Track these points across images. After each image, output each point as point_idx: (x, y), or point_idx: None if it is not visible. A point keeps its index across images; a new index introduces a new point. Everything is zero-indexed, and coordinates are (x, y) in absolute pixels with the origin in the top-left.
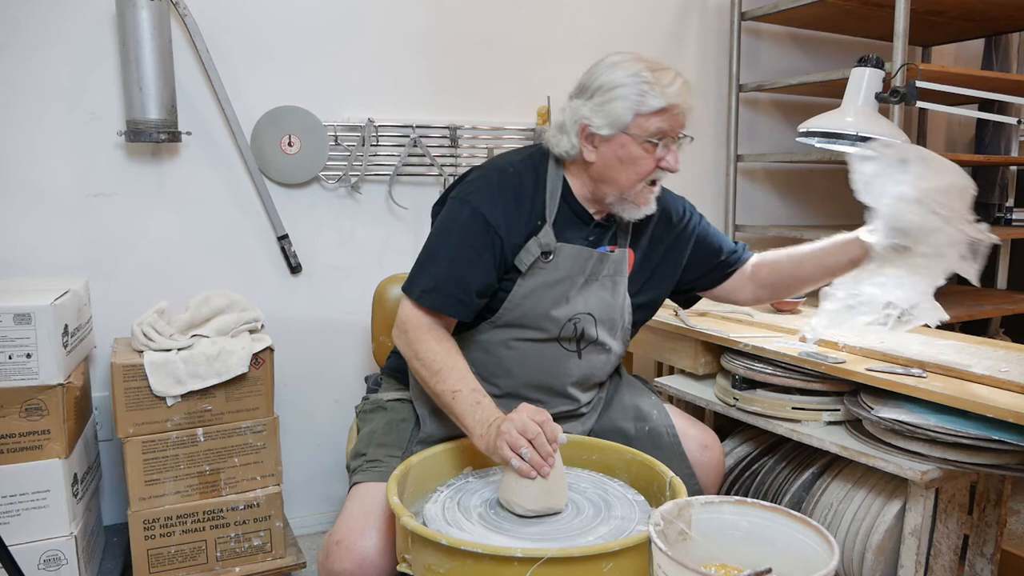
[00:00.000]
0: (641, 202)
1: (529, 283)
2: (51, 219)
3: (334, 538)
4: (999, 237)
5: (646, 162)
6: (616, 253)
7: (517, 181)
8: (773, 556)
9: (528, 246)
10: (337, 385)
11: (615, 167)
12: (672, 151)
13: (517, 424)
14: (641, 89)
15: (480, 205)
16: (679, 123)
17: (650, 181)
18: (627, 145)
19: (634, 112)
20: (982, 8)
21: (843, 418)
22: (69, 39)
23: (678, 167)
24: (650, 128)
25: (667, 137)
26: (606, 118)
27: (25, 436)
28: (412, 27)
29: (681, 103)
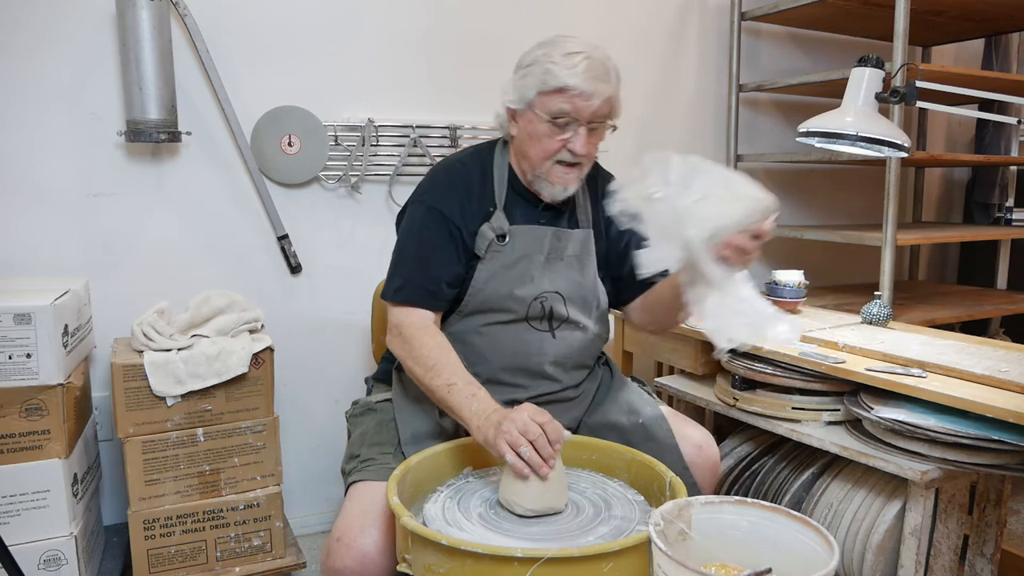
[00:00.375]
0: (554, 180)
1: (488, 267)
2: (51, 219)
3: (335, 536)
4: (999, 237)
5: (550, 141)
6: (579, 232)
7: (465, 173)
8: (773, 556)
9: (482, 231)
10: (337, 385)
11: (526, 142)
12: (579, 136)
13: (518, 424)
14: (545, 68)
15: (434, 202)
16: (582, 106)
17: (561, 161)
18: (534, 121)
19: (537, 90)
20: (982, 8)
21: (843, 418)
22: (69, 39)
23: (584, 152)
24: (551, 107)
25: (572, 120)
26: (517, 92)
27: (25, 436)
28: (412, 27)
29: (582, 87)
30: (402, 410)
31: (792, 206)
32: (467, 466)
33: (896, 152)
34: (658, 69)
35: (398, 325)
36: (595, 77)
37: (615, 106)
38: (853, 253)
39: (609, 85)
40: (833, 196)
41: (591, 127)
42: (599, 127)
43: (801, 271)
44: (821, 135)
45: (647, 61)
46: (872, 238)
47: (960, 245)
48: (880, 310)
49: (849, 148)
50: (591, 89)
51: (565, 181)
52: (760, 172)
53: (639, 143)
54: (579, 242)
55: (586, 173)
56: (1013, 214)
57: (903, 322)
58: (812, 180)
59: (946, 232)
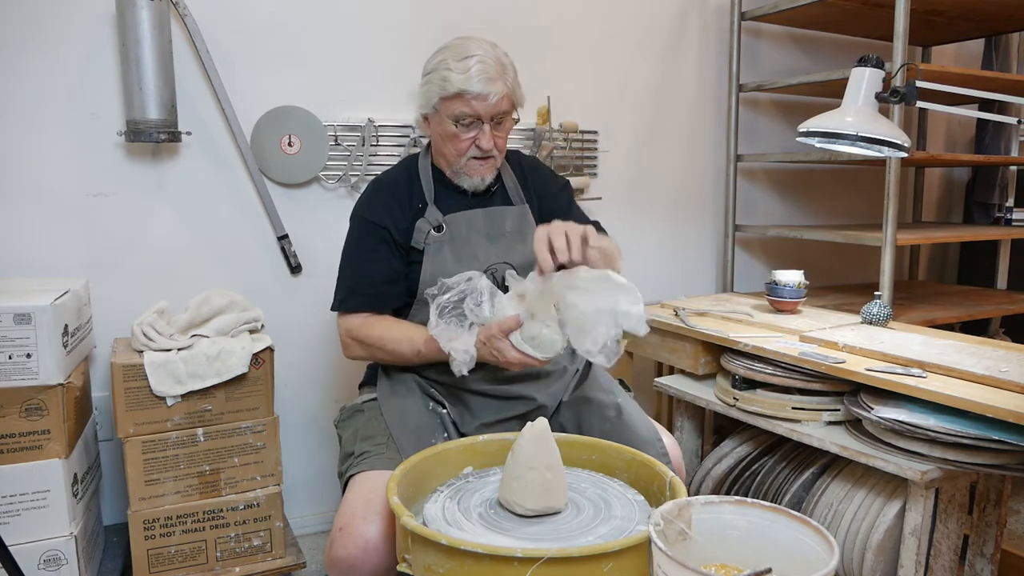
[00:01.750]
0: (472, 173)
1: (433, 256)
2: (51, 219)
3: (337, 526)
4: (999, 237)
5: (459, 141)
6: (514, 208)
7: (391, 183)
8: (773, 556)
9: (418, 225)
10: (337, 385)
11: (439, 142)
12: (484, 133)
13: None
14: (443, 75)
15: (363, 213)
16: (481, 107)
17: (474, 157)
18: (442, 123)
19: (439, 96)
20: (982, 8)
21: (843, 418)
22: (69, 39)
23: (489, 147)
24: (453, 112)
25: (475, 120)
26: (423, 98)
27: (25, 436)
28: (412, 27)
29: (476, 89)
30: (389, 405)
31: (792, 206)
32: (467, 466)
33: (896, 152)
34: (658, 69)
35: (348, 332)
36: (488, 79)
37: (515, 100)
38: (853, 253)
39: (503, 83)
40: (833, 196)
41: (495, 122)
42: (503, 120)
43: (801, 271)
44: (821, 135)
45: (647, 61)
46: (872, 238)
47: (960, 245)
48: (880, 310)
49: (849, 148)
50: (486, 91)
51: (481, 172)
52: (760, 172)
53: (639, 143)
54: (517, 217)
55: (500, 162)
56: (1013, 214)
57: (903, 322)
58: (812, 180)
59: (946, 232)
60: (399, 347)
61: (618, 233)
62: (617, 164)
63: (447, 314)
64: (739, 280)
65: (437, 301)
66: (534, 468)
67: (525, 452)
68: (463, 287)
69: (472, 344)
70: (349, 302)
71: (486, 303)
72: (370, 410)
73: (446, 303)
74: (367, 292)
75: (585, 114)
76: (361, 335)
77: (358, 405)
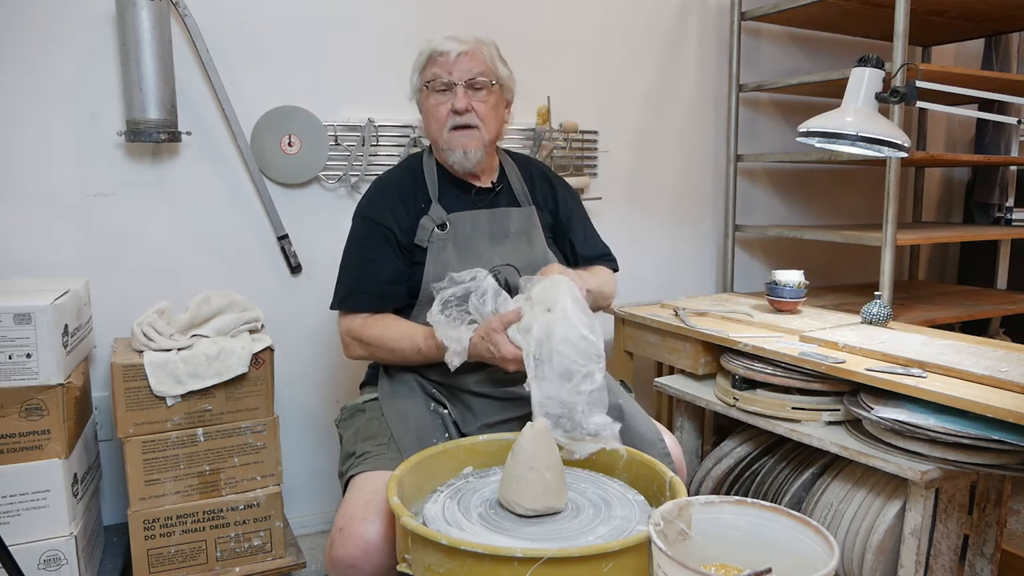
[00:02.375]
0: (455, 146)
1: (436, 255)
2: (51, 219)
3: (337, 526)
4: (999, 237)
5: (438, 109)
6: (521, 209)
7: (395, 182)
8: (773, 556)
9: (422, 224)
10: (337, 385)
11: (427, 124)
12: (458, 95)
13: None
14: (420, 51)
15: (366, 212)
16: (449, 66)
17: (456, 127)
18: (424, 101)
19: (418, 72)
20: (982, 8)
21: (843, 418)
22: (69, 39)
23: (463, 106)
24: (427, 77)
25: (449, 84)
26: (411, 85)
27: (25, 436)
28: (412, 27)
29: (441, 47)
30: (390, 406)
31: (792, 206)
32: (467, 466)
33: (896, 152)
34: (658, 69)
35: (348, 332)
36: (452, 38)
37: (490, 65)
38: (853, 253)
39: (469, 44)
40: (833, 196)
41: (471, 86)
42: (482, 88)
43: (801, 271)
44: (821, 135)
45: (647, 61)
46: (872, 238)
47: (960, 245)
48: (880, 310)
49: (849, 148)
50: (448, 48)
51: (464, 144)
52: (760, 172)
53: (640, 143)
54: (523, 218)
55: (487, 138)
56: (1013, 214)
57: (903, 322)
58: (812, 180)
59: (946, 232)
60: (400, 345)
61: (618, 233)
62: (617, 164)
63: (450, 307)
64: (739, 280)
65: (442, 294)
66: (534, 468)
67: (525, 452)
68: (468, 284)
69: (467, 336)
70: (350, 301)
71: (490, 301)
72: (371, 410)
73: (450, 297)
74: (369, 292)
75: (585, 114)
76: (361, 335)
77: (359, 405)
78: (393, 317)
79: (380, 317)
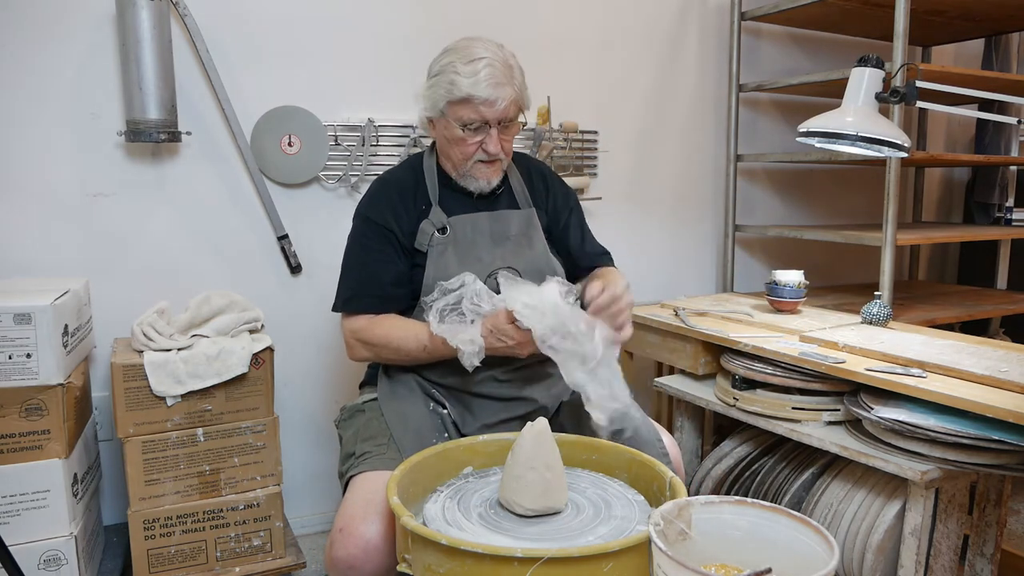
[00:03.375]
0: (479, 176)
1: (436, 258)
2: (51, 219)
3: (337, 527)
4: (999, 237)
5: (466, 145)
6: (520, 212)
7: (396, 182)
8: (773, 556)
9: (422, 227)
10: (337, 385)
11: (446, 145)
12: (491, 137)
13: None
14: (450, 79)
15: (367, 212)
16: (488, 112)
17: (481, 160)
18: (449, 127)
19: (446, 100)
20: (982, 8)
21: (843, 418)
22: (69, 39)
23: (496, 151)
24: (460, 116)
25: (482, 124)
26: (429, 101)
27: (25, 436)
28: (412, 27)
29: (483, 94)
30: (390, 406)
31: (792, 206)
32: (467, 466)
33: (896, 152)
34: (658, 69)
35: (353, 334)
36: (496, 84)
37: (521, 104)
38: (853, 253)
39: (511, 87)
40: (833, 196)
41: (502, 126)
42: (510, 125)
43: (801, 271)
44: (821, 135)
45: (647, 61)
46: (872, 238)
47: (960, 245)
48: (880, 310)
49: (849, 148)
50: (494, 96)
51: (487, 175)
52: (760, 172)
53: (640, 143)
54: (523, 221)
55: (506, 165)
56: (1013, 214)
57: (903, 322)
58: (812, 180)
59: (946, 232)
60: (406, 344)
61: (618, 233)
62: (617, 164)
63: (447, 315)
64: (739, 280)
65: (435, 306)
66: (534, 468)
67: (525, 452)
68: (459, 291)
69: (478, 334)
70: (354, 303)
71: (485, 301)
72: (371, 410)
73: (444, 307)
74: (373, 294)
75: (585, 114)
76: (367, 336)
77: (359, 405)
78: (396, 317)
79: (384, 318)
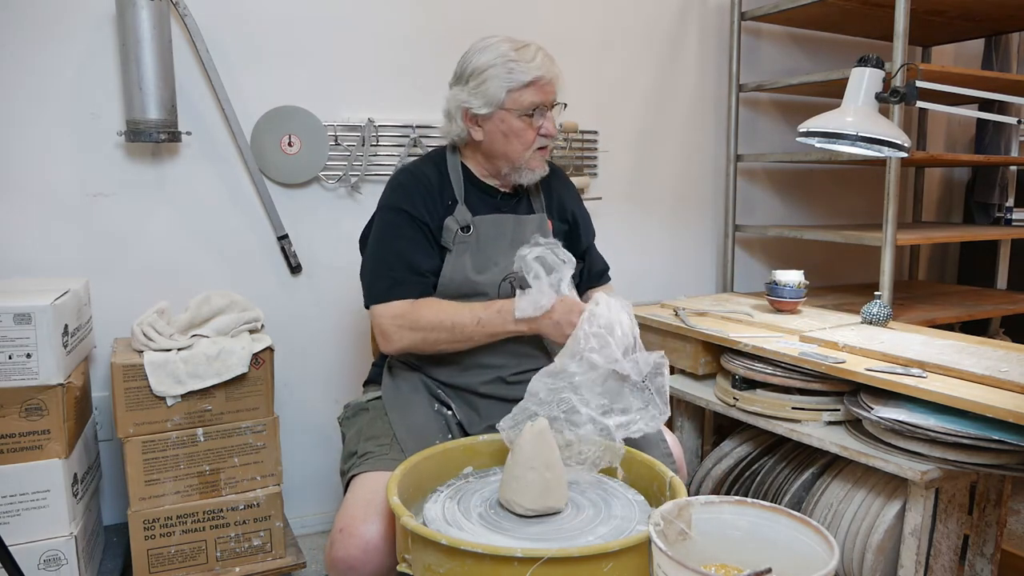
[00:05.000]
0: (534, 166)
1: (456, 257)
2: (51, 219)
3: (337, 527)
4: (999, 237)
5: (527, 132)
6: (535, 216)
7: (423, 175)
8: (773, 556)
9: (446, 224)
10: (337, 385)
11: (501, 141)
12: (548, 118)
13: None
14: (508, 67)
15: (399, 203)
16: (549, 92)
17: (538, 147)
18: (506, 119)
19: (506, 89)
20: (982, 8)
21: (843, 418)
22: (69, 39)
23: (555, 131)
24: (523, 101)
25: (541, 107)
26: (482, 98)
27: (25, 436)
28: (412, 26)
29: (545, 73)
30: (394, 405)
31: (792, 206)
32: (467, 466)
33: (896, 152)
34: (658, 69)
35: (397, 318)
36: (552, 63)
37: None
38: (853, 253)
39: (557, 66)
40: (833, 196)
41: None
42: (556, 106)
43: (801, 271)
44: (821, 135)
45: (647, 61)
46: (872, 238)
47: (960, 245)
48: (880, 310)
49: (849, 148)
50: (552, 74)
51: (541, 164)
52: (760, 172)
53: (640, 143)
54: (536, 226)
55: None
56: (1013, 214)
57: (903, 322)
58: (812, 180)
59: (946, 232)
60: (460, 318)
61: (618, 233)
62: (617, 164)
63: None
64: (739, 280)
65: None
66: (534, 468)
67: (525, 452)
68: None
69: (550, 300)
70: (398, 290)
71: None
72: (375, 409)
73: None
74: (414, 280)
75: (585, 114)
76: (414, 319)
77: (363, 403)
78: (437, 299)
79: (426, 300)
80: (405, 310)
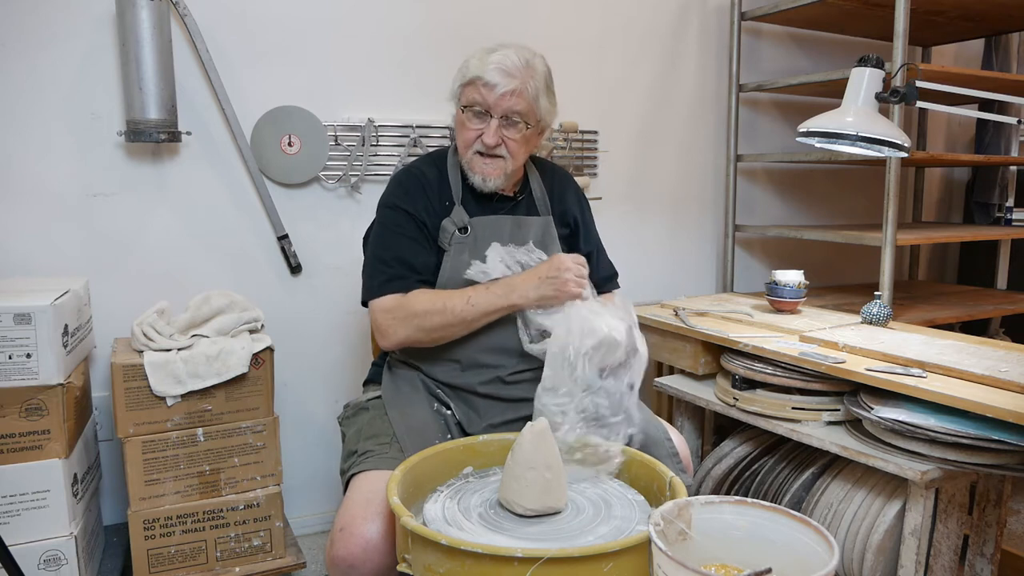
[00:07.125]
0: (475, 169)
1: (453, 258)
2: (51, 219)
3: (338, 526)
4: (999, 237)
5: (467, 131)
6: (539, 219)
7: (422, 175)
8: (773, 556)
9: (444, 225)
10: (337, 385)
11: (457, 134)
12: (490, 127)
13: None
14: (466, 63)
15: (398, 201)
16: (491, 97)
17: (479, 152)
18: (457, 113)
19: (458, 83)
20: (982, 8)
21: (843, 418)
22: (69, 39)
23: (492, 143)
24: (463, 98)
25: (485, 112)
26: (451, 91)
27: (25, 436)
28: (412, 26)
29: (487, 78)
30: (394, 404)
31: (792, 206)
32: (467, 466)
33: (896, 152)
34: (658, 69)
35: (389, 311)
36: (504, 71)
37: (532, 105)
38: (853, 253)
39: (520, 81)
40: (833, 196)
41: (505, 121)
42: (518, 123)
43: (801, 271)
44: (821, 135)
45: (647, 61)
46: (872, 238)
47: (960, 245)
48: (880, 310)
49: (849, 148)
50: (495, 80)
51: (484, 171)
52: (760, 172)
53: (640, 143)
54: (540, 228)
55: (511, 167)
56: (1013, 214)
57: (903, 322)
58: (812, 180)
59: (946, 232)
60: (451, 302)
61: (618, 233)
62: (617, 164)
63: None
64: (739, 280)
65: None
66: (534, 468)
67: (525, 452)
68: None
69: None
70: (397, 284)
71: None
72: (375, 408)
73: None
74: (410, 276)
75: (585, 114)
76: (406, 310)
77: (363, 403)
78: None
79: (415, 291)
80: (397, 303)
